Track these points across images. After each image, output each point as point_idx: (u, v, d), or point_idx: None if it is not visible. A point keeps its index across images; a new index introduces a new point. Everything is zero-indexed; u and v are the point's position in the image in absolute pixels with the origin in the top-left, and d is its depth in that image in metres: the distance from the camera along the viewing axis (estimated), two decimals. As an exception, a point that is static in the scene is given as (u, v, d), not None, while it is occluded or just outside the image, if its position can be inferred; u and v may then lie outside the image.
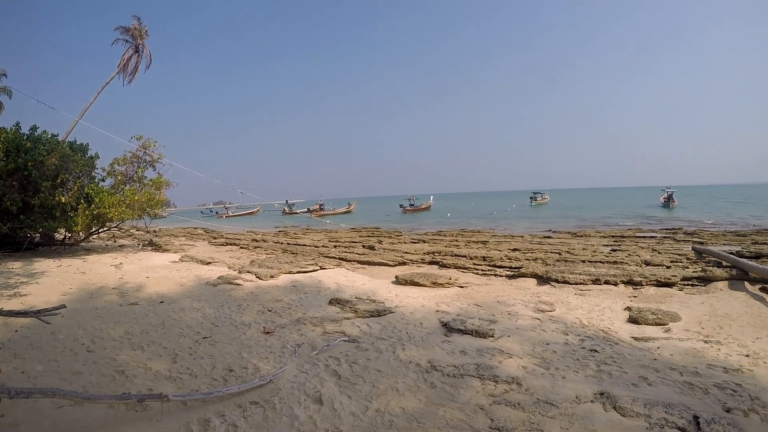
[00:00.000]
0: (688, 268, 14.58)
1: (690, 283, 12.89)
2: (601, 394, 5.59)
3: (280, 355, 7.27)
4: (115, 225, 23.51)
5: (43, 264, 16.01)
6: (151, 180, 23.08)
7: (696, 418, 4.93)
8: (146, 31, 39.08)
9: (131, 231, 28.71)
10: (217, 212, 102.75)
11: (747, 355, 7.18)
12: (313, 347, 7.60)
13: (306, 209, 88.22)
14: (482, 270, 15.96)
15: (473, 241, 24.79)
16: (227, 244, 28.71)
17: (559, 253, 18.32)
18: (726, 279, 12.80)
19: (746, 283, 12.28)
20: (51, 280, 13.10)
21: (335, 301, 10.88)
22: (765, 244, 20.61)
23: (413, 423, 4.98)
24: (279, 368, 6.60)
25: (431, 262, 18.02)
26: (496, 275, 15.33)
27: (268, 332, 8.54)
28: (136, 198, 21.00)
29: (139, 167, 23.05)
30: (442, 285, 13.25)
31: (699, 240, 23.33)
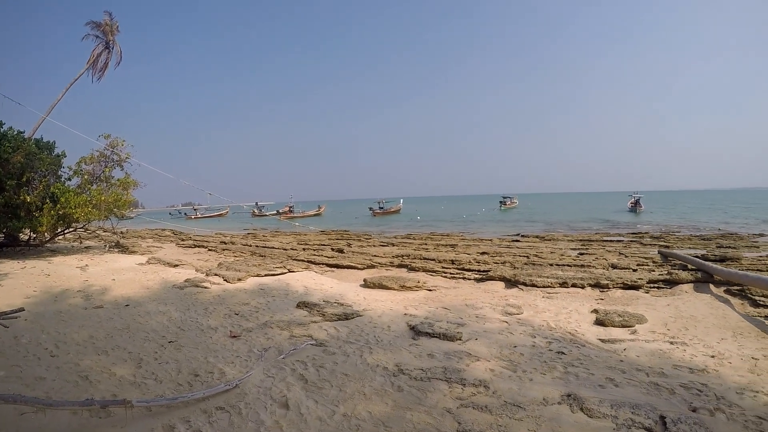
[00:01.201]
0: (654, 271, 14.73)
1: (656, 285, 13.05)
2: (569, 395, 5.60)
3: (247, 360, 7.17)
4: (81, 226, 23.07)
5: (6, 265, 15.66)
6: (118, 180, 22.68)
7: (662, 418, 4.96)
8: (117, 26, 38.30)
9: (98, 232, 28.12)
10: (185, 214, 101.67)
11: (712, 356, 7.26)
12: (280, 351, 7.52)
13: (275, 211, 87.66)
14: (451, 273, 15.99)
15: (442, 245, 24.83)
16: (195, 246, 28.43)
17: (528, 257, 18.41)
18: (691, 282, 12.98)
19: (711, 286, 12.47)
20: (14, 282, 12.81)
21: (303, 305, 10.79)
22: (729, 247, 21.02)
23: (380, 427, 4.93)
24: (245, 373, 6.51)
25: (400, 266, 17.99)
26: (464, 278, 15.35)
27: (234, 336, 8.44)
28: (103, 198, 20.62)
29: (106, 166, 22.61)
30: (410, 288, 13.22)
31: (665, 244, 23.67)
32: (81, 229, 23.76)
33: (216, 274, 14.84)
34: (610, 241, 26.62)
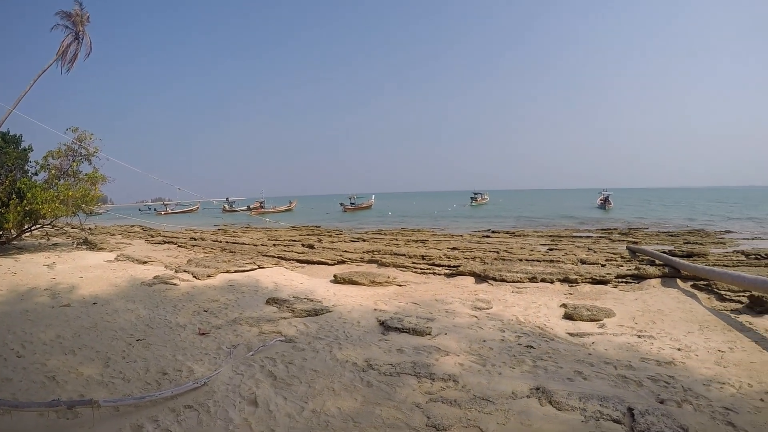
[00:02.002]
0: (622, 266, 14.91)
1: (624, 280, 13.19)
2: (537, 389, 5.61)
3: (216, 357, 7.09)
4: (49, 222, 22.66)
5: (-29, 264, 15.40)
6: (86, 175, 22.18)
7: (630, 410, 4.99)
8: (88, 17, 37.45)
9: (65, 229, 27.67)
10: (155, 209, 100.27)
11: (679, 349, 7.34)
12: (249, 348, 7.44)
13: (246, 207, 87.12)
14: (421, 269, 16.01)
15: (413, 240, 24.89)
16: (165, 242, 28.06)
17: (498, 252, 18.53)
18: (659, 276, 13.13)
19: (678, 281, 12.63)
20: (-21, 281, 12.60)
21: (273, 301, 10.70)
22: (697, 243, 21.32)
23: (349, 423, 4.90)
24: (214, 370, 6.43)
25: (370, 261, 18.00)
26: (434, 274, 15.40)
27: (203, 333, 8.34)
28: (71, 193, 20.18)
29: (74, 161, 22.14)
30: (380, 284, 13.20)
31: (633, 240, 23.92)
32: (48, 226, 23.37)
33: (185, 271, 14.64)
34: (580, 237, 26.88)
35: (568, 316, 9.55)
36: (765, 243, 23.92)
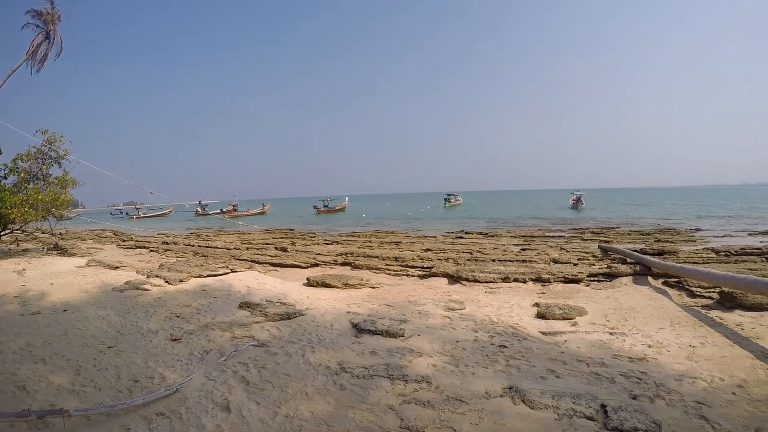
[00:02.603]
0: (594, 265, 15.03)
1: (596, 279, 13.30)
2: (510, 388, 5.62)
3: (188, 363, 6.99)
4: (18, 227, 22.34)
5: (-63, 271, 15.14)
6: (56, 178, 21.88)
7: (603, 406, 5.01)
8: (59, 16, 36.82)
9: (35, 234, 27.23)
10: (127, 213, 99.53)
11: (651, 345, 7.40)
12: (222, 353, 7.35)
13: (219, 210, 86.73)
14: (394, 270, 16.00)
15: (387, 242, 24.94)
16: (137, 247, 27.77)
17: (471, 253, 18.57)
18: (630, 274, 13.25)
19: (649, 278, 12.76)
20: (-54, 288, 12.37)
21: (245, 305, 10.62)
22: (667, 242, 21.63)
23: (322, 427, 4.86)
24: (186, 377, 6.35)
25: (344, 264, 17.95)
26: (408, 275, 15.40)
27: (175, 339, 8.24)
28: (40, 197, 19.88)
29: (43, 164, 21.81)
30: (353, 286, 13.17)
31: (605, 239, 24.15)
32: (18, 231, 23.00)
33: (157, 276, 14.51)
34: (552, 236, 27.13)
35: (540, 315, 9.58)
36: (735, 240, 24.33)
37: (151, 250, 25.68)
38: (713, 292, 10.60)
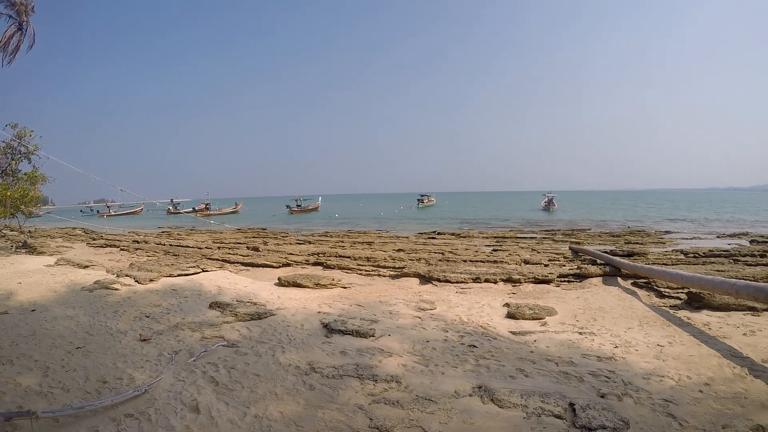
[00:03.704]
0: (565, 266, 15.16)
1: (566, 279, 13.41)
2: (480, 387, 5.63)
3: (157, 364, 6.91)
4: (-15, 225, 21.98)
5: None
6: (25, 174, 21.52)
7: (572, 405, 5.04)
8: (32, 7, 35.99)
9: (3, 231, 26.82)
10: (98, 211, 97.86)
11: (618, 345, 7.45)
12: (191, 353, 7.27)
13: (191, 209, 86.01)
14: (366, 270, 16.01)
15: (359, 242, 24.99)
16: (107, 245, 27.37)
17: (443, 253, 18.66)
18: (600, 275, 13.39)
19: (619, 279, 12.90)
20: None
21: (216, 305, 10.54)
22: (637, 243, 21.92)
23: (291, 427, 4.83)
24: (155, 377, 6.27)
25: (316, 263, 17.92)
26: (379, 275, 15.42)
27: (144, 339, 8.14)
28: (9, 194, 19.56)
29: (12, 159, 21.40)
30: (325, 286, 13.15)
31: (576, 240, 24.41)
32: (-16, 229, 22.64)
33: (127, 275, 14.33)
34: (524, 238, 27.34)
35: (510, 315, 9.64)
36: (703, 242, 24.73)
37: (121, 249, 25.40)
38: (681, 292, 10.75)
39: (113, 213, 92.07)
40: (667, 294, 11.07)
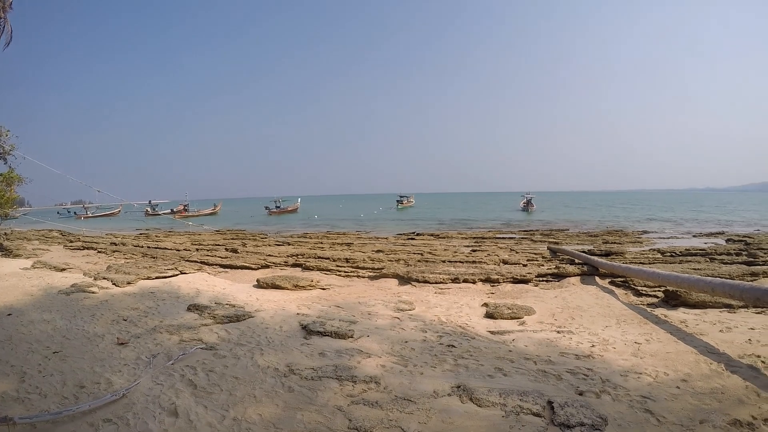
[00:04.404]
0: (543, 266, 15.23)
1: (545, 279, 13.51)
2: (458, 387, 5.64)
3: (135, 367, 6.84)
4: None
5: None
6: (1, 175, 21.25)
7: (550, 402, 5.07)
8: (11, 3, 35.32)
9: (-22, 234, 26.49)
10: (75, 213, 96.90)
11: (597, 343, 7.51)
12: (169, 357, 7.21)
13: (170, 210, 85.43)
14: (345, 272, 15.99)
15: (338, 243, 24.98)
16: (84, 248, 27.10)
17: (422, 254, 18.69)
18: (578, 275, 13.50)
19: (597, 278, 13.01)
20: None
21: (194, 308, 10.45)
22: (615, 243, 22.12)
23: (271, 429, 4.81)
24: (133, 381, 6.21)
25: (294, 265, 17.87)
26: (358, 276, 15.41)
27: (122, 343, 8.05)
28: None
29: (-13, 159, 21.11)
30: (303, 288, 13.11)
31: (554, 240, 24.56)
32: (-41, 231, 22.31)
33: (104, 278, 14.18)
34: (503, 238, 27.45)
35: (489, 315, 9.68)
36: (680, 242, 25.00)
37: (98, 252, 25.14)
38: (658, 291, 10.87)
39: (90, 215, 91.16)
40: (644, 292, 11.20)
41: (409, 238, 27.99)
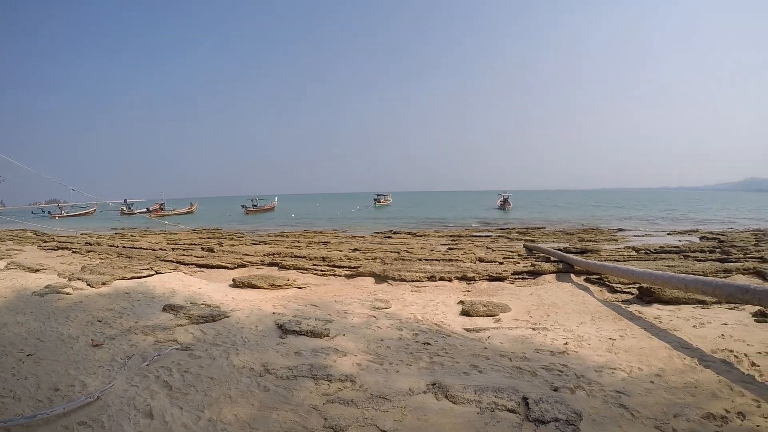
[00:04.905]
0: (519, 263, 15.29)
1: (521, 277, 13.62)
2: (434, 384, 5.65)
3: (109, 369, 6.77)
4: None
5: None
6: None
7: (525, 399, 5.10)
8: None
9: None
10: (49, 212, 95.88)
11: (572, 339, 7.56)
12: (144, 358, 7.14)
13: (145, 209, 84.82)
14: (322, 270, 15.96)
15: (315, 242, 24.91)
16: (59, 248, 26.73)
17: (398, 252, 18.70)
18: (554, 272, 13.61)
19: (572, 276, 13.13)
20: None
21: (169, 308, 10.37)
22: (590, 241, 22.30)
23: (246, 429, 4.79)
24: (107, 383, 6.16)
25: (271, 264, 17.81)
26: (335, 275, 15.39)
27: (96, 345, 7.97)
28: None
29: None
30: (280, 287, 13.08)
31: (531, 238, 24.73)
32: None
33: (79, 279, 14.01)
34: (479, 236, 27.53)
35: (465, 313, 9.71)
36: (654, 239, 25.23)
37: (73, 252, 24.85)
38: (633, 287, 11.00)
39: (65, 214, 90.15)
40: (618, 289, 11.32)
41: (386, 237, 27.96)
